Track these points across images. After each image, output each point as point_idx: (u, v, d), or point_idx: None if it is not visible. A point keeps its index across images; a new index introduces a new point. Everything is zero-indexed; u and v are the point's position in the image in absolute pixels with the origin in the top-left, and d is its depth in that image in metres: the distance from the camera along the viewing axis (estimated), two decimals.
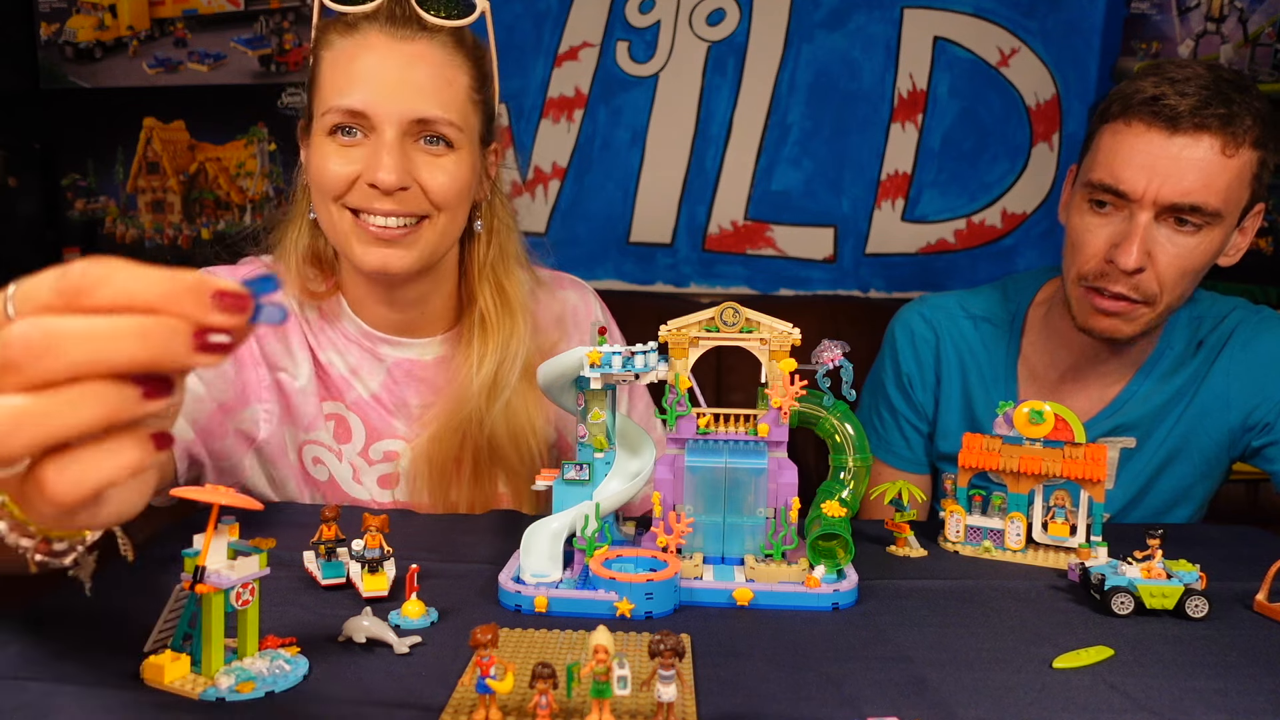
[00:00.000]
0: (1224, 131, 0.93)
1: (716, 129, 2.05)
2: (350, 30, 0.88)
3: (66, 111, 2.12)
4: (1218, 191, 0.94)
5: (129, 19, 2.09)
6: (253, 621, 0.57)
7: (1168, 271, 0.97)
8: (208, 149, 2.12)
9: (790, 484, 0.76)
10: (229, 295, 0.37)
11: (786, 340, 0.76)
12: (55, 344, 0.35)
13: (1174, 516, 1.14)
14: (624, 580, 0.69)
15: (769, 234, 2.07)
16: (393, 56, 0.86)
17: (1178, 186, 0.93)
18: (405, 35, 0.87)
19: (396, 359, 1.01)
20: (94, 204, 2.15)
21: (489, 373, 0.96)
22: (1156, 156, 0.94)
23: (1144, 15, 1.97)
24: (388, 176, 0.85)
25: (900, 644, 0.65)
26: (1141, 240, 0.95)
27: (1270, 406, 1.07)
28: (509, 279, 0.99)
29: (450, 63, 0.89)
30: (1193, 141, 0.93)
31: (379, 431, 1.00)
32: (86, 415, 0.36)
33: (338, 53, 0.88)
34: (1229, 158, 0.93)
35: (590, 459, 0.77)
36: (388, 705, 0.54)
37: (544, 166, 2.07)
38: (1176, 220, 0.96)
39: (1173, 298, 1.00)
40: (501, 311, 0.98)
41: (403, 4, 0.88)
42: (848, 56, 2.01)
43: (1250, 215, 1.00)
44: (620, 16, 2.03)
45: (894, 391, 1.22)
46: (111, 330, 0.36)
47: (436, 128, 0.88)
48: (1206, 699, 0.57)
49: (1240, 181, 0.95)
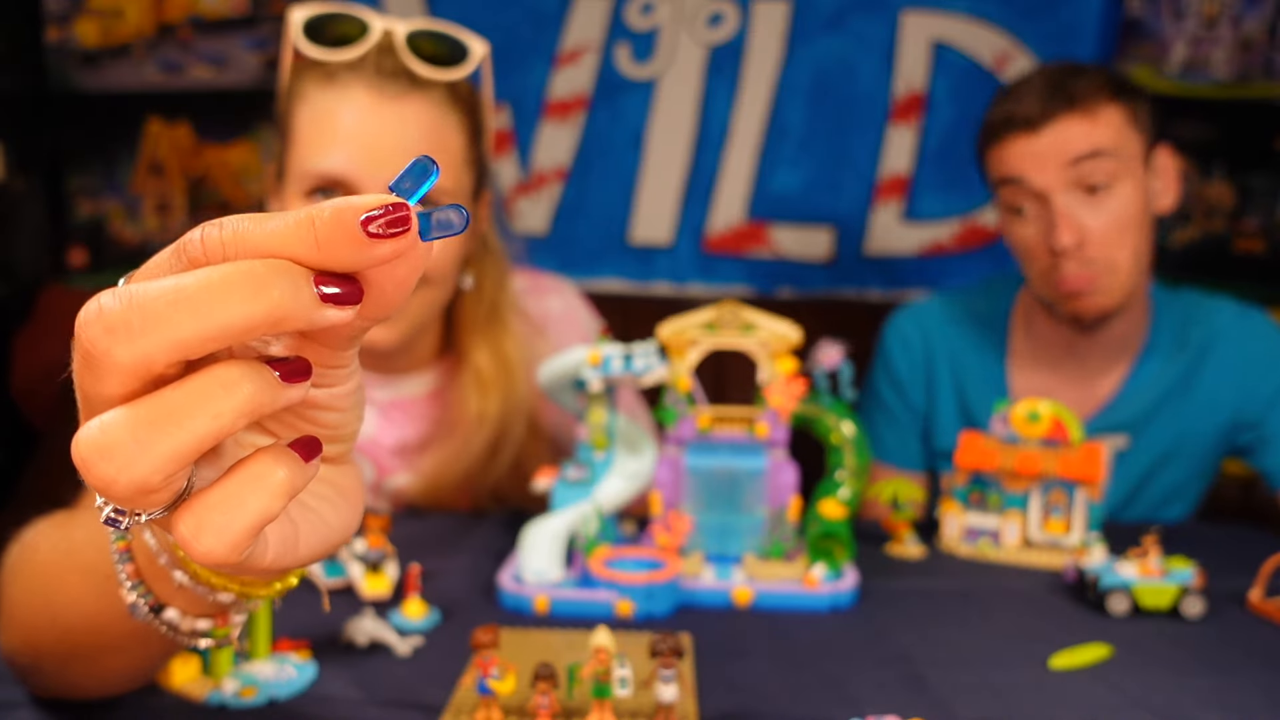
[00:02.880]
0: (1075, 107, 1.00)
1: (716, 131, 2.05)
2: (329, 82, 0.78)
3: (72, 114, 2.12)
4: (1101, 140, 1.00)
5: (135, 23, 2.10)
6: (264, 625, 0.57)
7: (1107, 233, 1.01)
8: (212, 151, 2.12)
9: (790, 484, 0.76)
10: (378, 213, 0.26)
11: (786, 341, 0.77)
12: (141, 316, 0.25)
13: (1168, 514, 1.15)
14: (624, 580, 0.69)
15: (769, 234, 2.08)
16: (379, 116, 0.76)
17: (1069, 151, 1.00)
18: (394, 92, 0.77)
19: (389, 400, 0.97)
20: (99, 206, 2.16)
21: (491, 433, 0.91)
22: (1038, 149, 1.02)
23: (1139, 19, 1.97)
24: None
25: (899, 643, 0.65)
26: (1065, 218, 1.00)
27: (1259, 404, 1.09)
28: (506, 336, 0.93)
29: (443, 124, 0.80)
30: (1057, 128, 1.00)
31: (386, 469, 0.98)
32: (216, 410, 0.26)
33: (316, 107, 0.78)
34: (1094, 120, 1.00)
35: (590, 459, 0.78)
36: (389, 706, 0.54)
37: (545, 168, 2.07)
38: (1086, 190, 1.01)
39: (1125, 255, 1.02)
40: (499, 371, 0.92)
41: (391, 54, 0.77)
42: (846, 59, 2.01)
43: (1157, 157, 1.05)
44: (620, 19, 2.03)
45: (888, 394, 1.25)
46: (206, 284, 0.25)
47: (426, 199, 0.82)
48: (1203, 697, 0.58)
49: (1116, 131, 1.01)
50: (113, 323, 0.25)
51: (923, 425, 1.23)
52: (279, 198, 0.85)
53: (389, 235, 0.26)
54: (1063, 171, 1.00)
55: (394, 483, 0.98)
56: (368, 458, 0.98)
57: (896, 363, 1.24)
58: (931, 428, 1.23)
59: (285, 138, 0.82)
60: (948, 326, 1.22)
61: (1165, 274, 1.20)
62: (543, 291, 1.05)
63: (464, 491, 0.97)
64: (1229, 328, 1.11)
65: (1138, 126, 1.03)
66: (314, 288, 0.26)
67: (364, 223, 0.26)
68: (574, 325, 1.06)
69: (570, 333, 1.03)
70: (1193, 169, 1.97)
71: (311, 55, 0.77)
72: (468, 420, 0.92)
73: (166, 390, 0.26)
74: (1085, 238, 1.01)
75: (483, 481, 0.94)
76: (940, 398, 1.21)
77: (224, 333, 0.25)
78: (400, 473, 0.98)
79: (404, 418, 0.98)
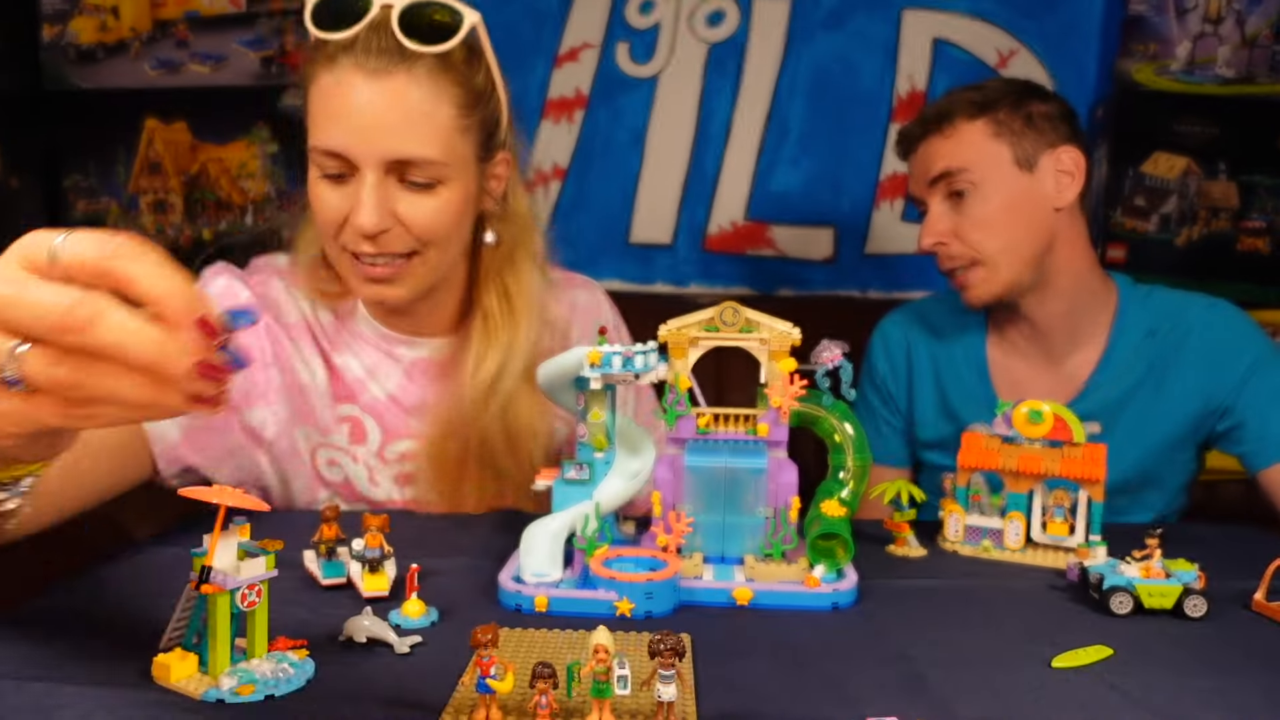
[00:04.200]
0: (934, 129, 1.15)
1: (716, 130, 2.05)
2: (331, 64, 0.84)
3: (69, 112, 2.12)
4: (955, 157, 1.13)
5: (131, 20, 2.09)
6: (261, 623, 0.57)
7: (968, 232, 1.13)
8: (209, 150, 2.12)
9: (790, 484, 0.76)
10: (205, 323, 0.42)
11: (786, 340, 0.76)
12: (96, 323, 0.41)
13: (1146, 501, 1.17)
14: (624, 580, 0.69)
15: (769, 234, 2.08)
16: (368, 95, 0.82)
17: (933, 169, 1.15)
18: (381, 69, 0.82)
19: (413, 359, 1.00)
20: (96, 205, 2.15)
21: (487, 374, 0.94)
22: (916, 161, 1.19)
23: (1142, 17, 1.97)
24: (366, 221, 0.83)
25: (900, 643, 0.65)
26: (927, 223, 1.16)
27: (1228, 390, 1.12)
28: (516, 281, 0.97)
29: (431, 95, 0.84)
30: (923, 148, 1.17)
31: (394, 432, 1.00)
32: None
33: (320, 88, 0.85)
34: (948, 137, 1.14)
35: (590, 459, 0.77)
36: (388, 705, 0.54)
37: (544, 167, 2.07)
38: (953, 195, 1.14)
39: (993, 249, 1.13)
40: (505, 313, 0.96)
41: (383, 32, 0.82)
42: (847, 57, 2.01)
43: (1055, 158, 1.14)
44: (620, 17, 2.03)
45: (870, 393, 1.32)
46: (138, 336, 0.41)
47: (416, 169, 0.85)
48: (1205, 698, 0.58)
49: (974, 145, 1.13)
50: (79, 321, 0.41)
51: (902, 419, 1.30)
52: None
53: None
54: (929, 183, 1.16)
55: (397, 448, 0.99)
56: (378, 420, 0.98)
57: (877, 365, 1.32)
58: (913, 418, 1.29)
59: (306, 113, 0.88)
60: (931, 321, 1.29)
61: (1169, 274, 1.22)
62: (572, 285, 1.10)
63: (459, 452, 0.96)
64: (1199, 318, 1.15)
65: (1006, 137, 1.13)
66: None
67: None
68: (599, 318, 1.10)
69: (592, 324, 1.07)
70: (1196, 167, 1.97)
71: (314, 34, 0.83)
72: (466, 373, 0.95)
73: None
74: (949, 239, 1.14)
75: (472, 436, 0.95)
76: (920, 387, 1.28)
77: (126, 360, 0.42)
78: (407, 438, 0.99)
79: (425, 379, 1.00)
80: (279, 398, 0.95)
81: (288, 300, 0.99)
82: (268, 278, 0.99)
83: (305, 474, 0.99)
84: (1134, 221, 1.99)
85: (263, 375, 0.95)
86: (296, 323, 0.98)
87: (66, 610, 0.67)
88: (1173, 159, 1.97)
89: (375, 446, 0.99)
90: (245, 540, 0.56)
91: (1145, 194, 1.98)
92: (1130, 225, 1.99)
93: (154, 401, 0.42)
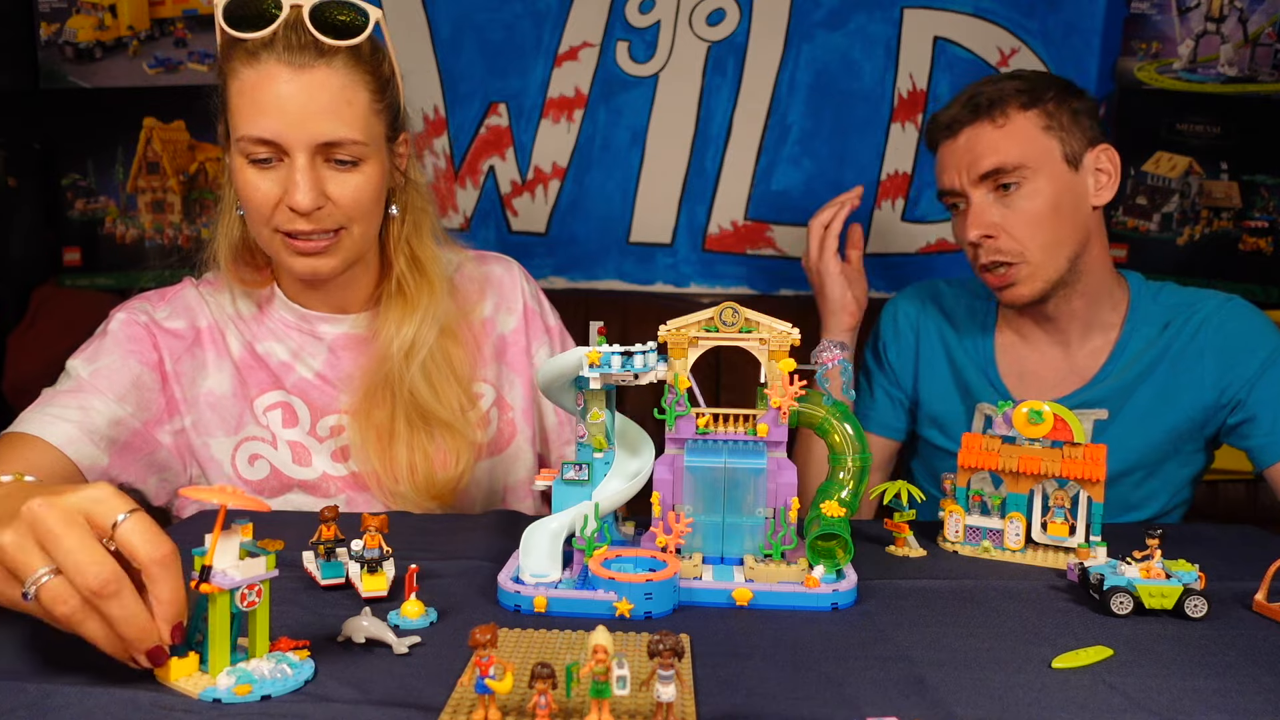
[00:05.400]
0: (982, 116, 1.11)
1: (716, 129, 2.05)
2: (252, 59, 0.91)
3: (66, 111, 2.11)
4: (1010, 152, 1.10)
5: (129, 19, 2.09)
6: (262, 623, 0.57)
7: (1014, 228, 1.11)
8: (208, 149, 2.11)
9: (790, 484, 0.76)
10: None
11: (786, 340, 0.76)
12: (115, 599, 0.53)
13: (1149, 489, 1.17)
14: (623, 580, 0.69)
15: (769, 234, 2.07)
16: (293, 85, 0.91)
17: (983, 163, 1.11)
18: (303, 63, 0.91)
19: (335, 335, 1.07)
20: (94, 204, 2.15)
21: (408, 335, 1.02)
22: (959, 151, 1.14)
23: (1144, 15, 1.97)
24: (303, 199, 0.91)
25: (900, 644, 0.65)
26: (980, 210, 1.12)
27: (1241, 384, 1.12)
28: (422, 249, 1.06)
29: (349, 83, 0.93)
30: (969, 134, 1.13)
31: (322, 408, 1.05)
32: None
33: (244, 82, 0.92)
34: (1000, 127, 1.11)
35: (590, 459, 0.77)
36: (387, 705, 0.54)
37: (544, 166, 2.07)
38: (998, 189, 1.11)
39: (1037, 247, 1.11)
40: (417, 278, 1.05)
41: (298, 30, 0.91)
42: (848, 56, 2.01)
43: (1095, 156, 1.13)
44: (620, 16, 2.03)
45: (871, 360, 1.34)
46: (135, 622, 0.54)
47: (342, 149, 0.93)
48: (1205, 699, 0.57)
49: (1025, 138, 1.10)
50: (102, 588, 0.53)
51: (900, 390, 1.31)
52: (229, 154, 0.98)
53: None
54: (975, 171, 1.12)
55: (328, 423, 1.05)
56: (305, 400, 1.05)
57: (884, 336, 1.33)
58: (919, 397, 1.29)
59: (224, 107, 0.96)
60: (943, 304, 1.29)
61: (1171, 273, 1.22)
62: (486, 260, 1.19)
63: (389, 411, 1.02)
64: (1213, 314, 1.15)
65: (1056, 132, 1.11)
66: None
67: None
68: (513, 290, 1.17)
69: (509, 294, 1.16)
70: (1198, 167, 1.97)
71: (232, 34, 0.91)
72: (388, 335, 1.03)
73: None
74: (996, 233, 1.11)
75: (402, 391, 1.01)
76: (928, 370, 1.28)
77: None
78: (335, 413, 1.05)
79: (348, 353, 1.07)
80: (188, 409, 1.01)
81: (199, 305, 1.06)
82: (182, 289, 1.08)
83: (224, 478, 1.03)
84: (1136, 221, 1.99)
85: (175, 388, 1.01)
86: (209, 326, 1.05)
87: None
88: (1175, 158, 1.97)
89: (306, 426, 1.04)
90: (247, 540, 0.56)
91: (1147, 193, 1.98)
92: (1132, 225, 1.99)
93: (112, 651, 0.54)
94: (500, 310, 1.14)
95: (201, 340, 1.04)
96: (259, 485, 1.02)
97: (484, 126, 2.05)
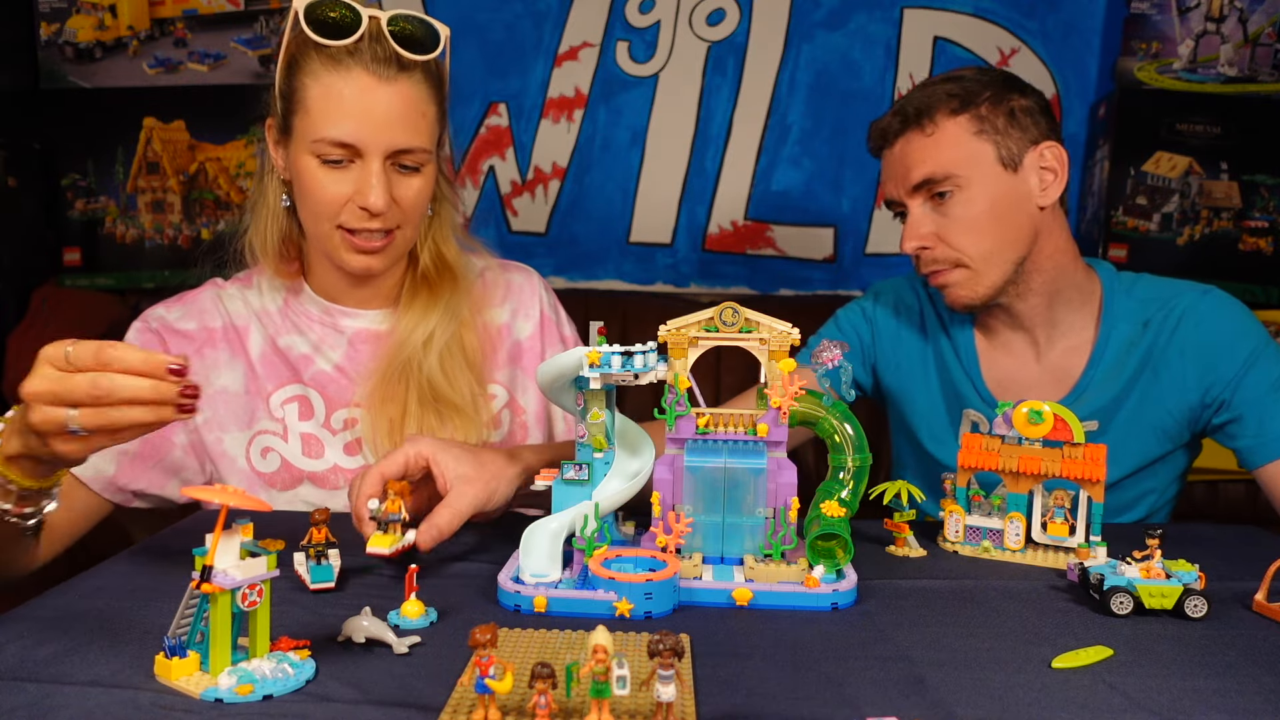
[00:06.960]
0: (911, 125, 1.10)
1: (716, 129, 2.05)
2: (335, 64, 0.95)
3: (66, 111, 2.11)
4: (939, 161, 1.08)
5: (129, 19, 2.09)
6: (263, 623, 0.57)
7: (951, 235, 1.09)
8: (208, 149, 2.12)
9: (790, 484, 0.76)
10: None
11: (786, 340, 0.76)
12: (113, 388, 0.65)
13: (1142, 488, 1.15)
14: (623, 580, 0.69)
15: (769, 234, 2.07)
16: (377, 94, 0.95)
17: (914, 175, 1.10)
18: (387, 75, 0.95)
19: (356, 329, 1.09)
20: (94, 204, 2.15)
21: (427, 328, 1.06)
22: (895, 161, 1.13)
23: (1144, 15, 1.97)
24: (377, 201, 0.95)
25: (900, 644, 0.65)
26: (916, 222, 1.11)
27: (1225, 384, 1.09)
28: (447, 248, 1.11)
29: (423, 96, 0.98)
30: (902, 143, 1.12)
31: (337, 401, 1.06)
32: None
33: (325, 84, 0.95)
34: (929, 135, 1.09)
35: (590, 459, 0.77)
36: (387, 705, 0.54)
37: (544, 166, 2.07)
38: (935, 196, 1.10)
39: (978, 252, 1.10)
40: (441, 275, 1.09)
41: (382, 42, 0.95)
42: (848, 56, 2.01)
43: (1039, 154, 1.10)
44: (620, 16, 2.03)
45: (833, 325, 1.32)
46: (139, 385, 0.66)
47: (411, 156, 0.98)
48: (1205, 699, 0.57)
49: (957, 144, 1.08)
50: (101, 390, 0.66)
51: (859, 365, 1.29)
52: (284, 148, 1.01)
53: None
54: (911, 188, 1.11)
55: (342, 415, 1.06)
56: (321, 393, 1.06)
57: (862, 306, 1.31)
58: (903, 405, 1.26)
59: (292, 104, 0.98)
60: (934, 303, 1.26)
61: (1171, 274, 1.20)
62: (508, 269, 1.21)
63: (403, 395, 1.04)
64: (1191, 308, 1.12)
65: (990, 135, 1.09)
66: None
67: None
68: (531, 298, 1.18)
69: (527, 302, 1.17)
70: (1198, 167, 1.97)
71: (318, 40, 0.94)
72: (409, 324, 1.06)
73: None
74: (934, 242, 1.10)
75: (418, 375, 1.04)
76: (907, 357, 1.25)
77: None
78: (351, 406, 1.07)
79: (367, 346, 1.09)
80: (206, 405, 1.02)
81: (215, 306, 1.08)
82: (201, 292, 1.10)
83: (242, 478, 1.04)
84: (1136, 221, 1.99)
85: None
86: (224, 325, 1.07)
87: (66, 610, 0.67)
88: (1175, 158, 1.97)
89: (321, 418, 1.06)
90: (248, 540, 0.56)
91: (1147, 193, 1.98)
92: (1132, 225, 1.99)
93: (157, 419, 0.66)
94: (518, 317, 1.16)
95: (214, 340, 1.06)
96: (270, 478, 1.04)
97: (484, 126, 2.05)
